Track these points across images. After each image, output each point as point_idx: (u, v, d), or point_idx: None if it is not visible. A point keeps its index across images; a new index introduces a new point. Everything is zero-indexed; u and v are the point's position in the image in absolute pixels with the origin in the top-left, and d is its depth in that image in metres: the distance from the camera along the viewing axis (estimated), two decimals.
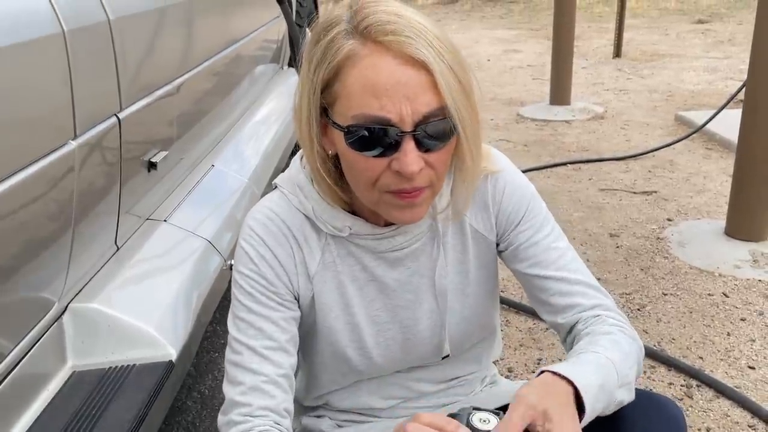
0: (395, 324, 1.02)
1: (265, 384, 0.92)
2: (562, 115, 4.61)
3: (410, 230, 0.98)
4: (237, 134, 2.37)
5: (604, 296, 1.00)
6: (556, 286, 0.98)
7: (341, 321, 1.00)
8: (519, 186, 1.01)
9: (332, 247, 0.98)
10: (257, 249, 0.95)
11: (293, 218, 0.97)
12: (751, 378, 1.88)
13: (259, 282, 0.95)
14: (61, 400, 1.12)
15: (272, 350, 0.94)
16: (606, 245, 2.72)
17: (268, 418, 0.91)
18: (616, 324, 0.95)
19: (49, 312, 1.17)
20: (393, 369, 1.05)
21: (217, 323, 2.23)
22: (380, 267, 0.99)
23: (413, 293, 1.01)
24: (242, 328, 0.94)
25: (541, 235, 1.00)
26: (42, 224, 1.07)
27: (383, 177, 0.84)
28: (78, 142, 1.16)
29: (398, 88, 0.79)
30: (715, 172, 3.46)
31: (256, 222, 0.97)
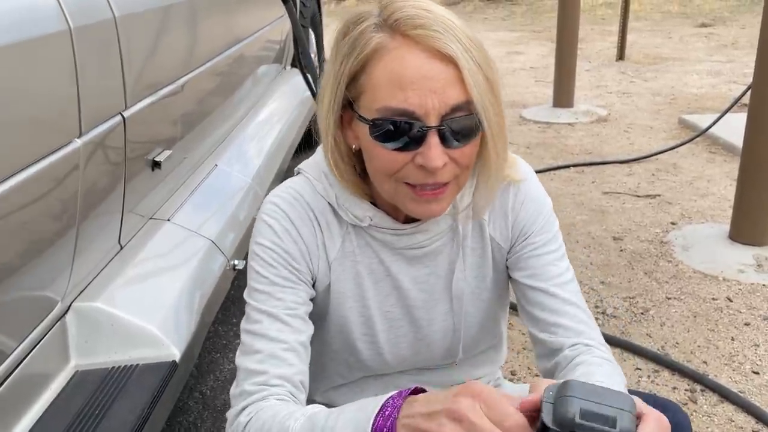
0: (407, 322, 1.01)
1: (284, 351, 0.89)
2: (565, 118, 4.60)
3: (431, 229, 0.97)
4: (240, 134, 2.36)
5: (592, 328, 0.97)
6: (547, 302, 0.97)
7: (355, 312, 0.99)
8: (537, 199, 1.01)
9: (352, 237, 0.97)
10: (282, 224, 0.94)
11: (316, 202, 0.96)
12: (756, 383, 1.87)
13: (282, 256, 0.93)
14: (63, 400, 1.12)
15: (292, 317, 0.91)
16: (609, 249, 2.71)
17: (284, 388, 0.87)
18: (604, 357, 0.94)
19: (52, 311, 1.17)
20: (400, 368, 1.05)
21: (219, 323, 2.22)
22: (397, 263, 0.98)
23: (428, 293, 1.00)
24: (261, 299, 0.92)
25: (546, 249, 0.99)
26: (46, 222, 1.07)
27: (405, 170, 0.84)
28: (83, 140, 1.15)
29: (425, 82, 0.79)
30: (718, 176, 3.45)
31: (281, 199, 0.95)
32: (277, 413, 0.82)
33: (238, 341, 2.18)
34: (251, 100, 2.61)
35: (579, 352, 0.94)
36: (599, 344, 0.96)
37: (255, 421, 0.84)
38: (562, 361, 0.96)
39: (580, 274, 2.51)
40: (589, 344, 0.95)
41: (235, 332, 2.19)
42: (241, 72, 2.32)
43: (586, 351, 0.94)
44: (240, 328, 0.94)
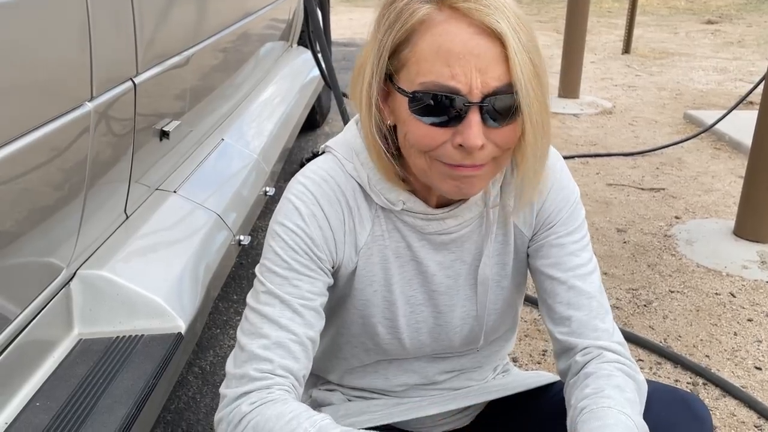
0: (429, 307, 0.99)
1: (292, 343, 0.86)
2: (570, 109, 4.58)
3: (461, 215, 0.94)
4: (246, 110, 2.33)
5: (607, 322, 0.95)
6: (566, 294, 0.95)
7: (379, 296, 0.96)
8: (565, 188, 0.98)
9: (382, 220, 0.94)
10: (310, 207, 0.90)
11: (347, 184, 0.92)
12: (758, 378, 1.86)
13: (305, 241, 0.89)
14: (67, 368, 1.10)
15: (306, 308, 0.88)
16: (613, 240, 2.70)
17: (288, 380, 0.85)
18: (616, 361, 0.91)
19: (57, 277, 1.14)
20: (417, 354, 1.03)
21: (219, 299, 2.21)
22: (424, 248, 0.96)
23: (453, 279, 0.98)
24: (277, 283, 0.88)
25: (569, 239, 0.97)
26: (56, 186, 1.04)
27: (442, 148, 0.81)
28: (94, 104, 1.12)
29: (470, 59, 0.77)
30: (723, 172, 3.44)
31: (310, 181, 0.91)
32: (282, 414, 0.80)
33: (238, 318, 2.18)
34: (257, 77, 2.57)
35: (590, 359, 0.92)
36: (613, 343, 0.93)
37: (257, 415, 0.81)
38: (573, 367, 0.94)
39: None
40: (601, 347, 0.93)
41: (236, 309, 2.17)
42: (248, 47, 2.28)
43: (597, 357, 0.92)
44: (247, 303, 0.90)
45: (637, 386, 0.90)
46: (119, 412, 1.00)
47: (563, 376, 0.97)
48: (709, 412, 0.92)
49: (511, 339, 1.14)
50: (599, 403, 0.85)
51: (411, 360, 1.04)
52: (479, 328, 1.01)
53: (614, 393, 0.86)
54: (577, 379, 0.92)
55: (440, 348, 1.02)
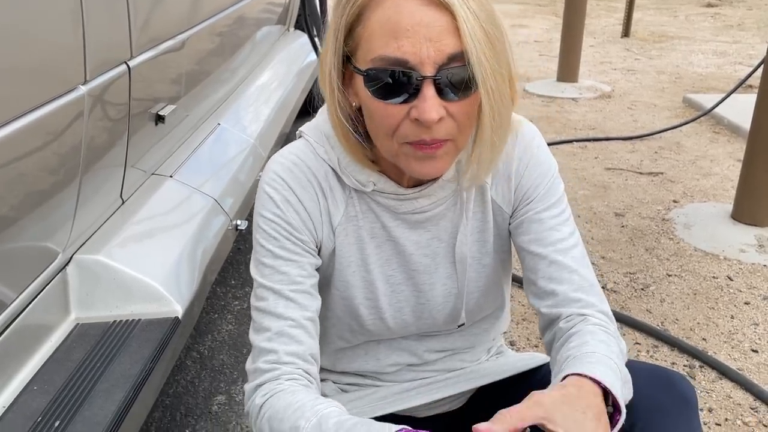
0: (409, 287, 0.99)
1: (291, 328, 0.89)
2: (569, 93, 4.56)
3: (434, 194, 0.94)
4: (243, 94, 2.32)
5: (592, 294, 0.95)
6: (547, 269, 0.95)
7: (358, 276, 0.97)
8: (543, 162, 0.98)
9: (355, 201, 0.95)
10: (282, 193, 0.92)
11: (318, 167, 0.94)
12: (754, 361, 1.87)
13: (284, 227, 0.92)
14: (64, 352, 1.10)
15: (297, 293, 0.91)
16: (611, 224, 2.70)
17: (296, 365, 0.88)
18: (599, 324, 0.92)
19: (53, 262, 1.14)
20: (403, 333, 1.03)
21: (217, 285, 2.21)
22: (399, 228, 0.96)
23: (431, 258, 0.98)
24: (266, 274, 0.91)
25: (549, 214, 0.97)
26: (50, 170, 1.04)
27: (402, 126, 0.81)
28: (88, 87, 1.11)
29: (419, 29, 0.76)
30: (722, 156, 3.43)
31: (281, 166, 0.93)
32: (290, 404, 0.83)
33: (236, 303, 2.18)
34: (254, 61, 2.55)
35: (573, 323, 0.92)
36: (597, 312, 0.94)
37: (269, 408, 0.85)
38: (558, 334, 0.94)
39: None
40: (584, 313, 0.93)
41: (233, 294, 2.17)
42: (244, 31, 2.27)
43: (580, 321, 0.92)
44: (250, 304, 0.94)
45: (619, 349, 0.91)
46: (117, 396, 1.00)
47: (549, 347, 0.97)
48: (694, 391, 0.92)
49: (501, 318, 1.13)
50: (583, 350, 0.86)
51: (399, 339, 1.04)
52: (461, 305, 1.01)
53: (599, 346, 0.86)
54: (562, 340, 0.92)
55: (425, 326, 1.03)
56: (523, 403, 0.75)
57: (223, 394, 1.72)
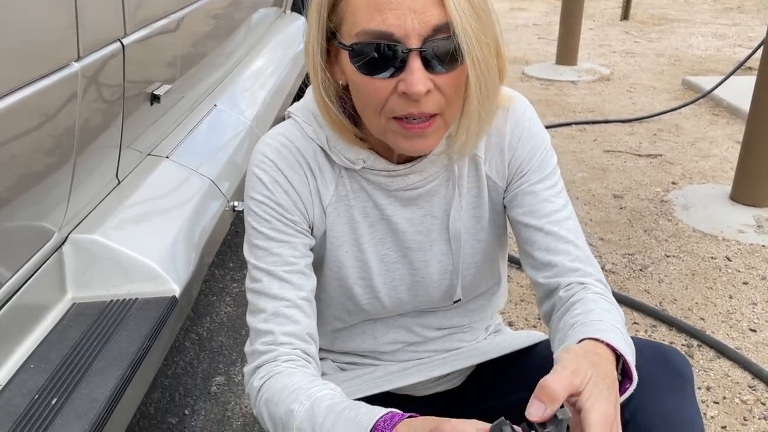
0: (404, 265, 0.99)
1: (287, 309, 0.89)
2: (568, 76, 4.54)
3: (425, 169, 0.94)
4: (239, 76, 2.30)
5: (589, 264, 0.95)
6: (543, 240, 0.94)
7: (351, 256, 0.97)
8: (535, 135, 0.97)
9: (345, 180, 0.94)
10: (271, 174, 0.91)
11: (307, 147, 0.93)
12: (752, 340, 1.87)
13: (275, 209, 0.91)
14: (60, 331, 1.09)
15: (291, 273, 0.91)
16: (609, 206, 2.69)
17: (293, 346, 0.89)
18: (599, 293, 0.92)
19: (48, 241, 1.14)
20: (399, 311, 1.03)
21: (215, 267, 2.20)
22: (392, 206, 0.95)
23: (425, 235, 0.98)
24: (260, 256, 0.91)
25: (542, 186, 0.96)
26: (44, 148, 1.03)
27: (390, 101, 0.80)
28: (81, 64, 1.10)
29: (403, 1, 0.75)
30: (721, 138, 3.42)
31: (269, 148, 0.93)
32: (286, 387, 0.84)
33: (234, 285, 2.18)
34: (250, 43, 2.53)
35: (573, 292, 0.92)
36: (595, 281, 0.94)
37: (267, 390, 0.85)
38: (558, 303, 0.94)
39: None
40: (583, 282, 0.93)
41: (231, 276, 2.17)
42: (240, 13, 2.24)
43: (581, 289, 0.92)
44: (245, 287, 0.94)
45: (621, 318, 0.91)
46: (114, 373, 1.00)
47: (547, 317, 0.97)
48: (689, 365, 0.92)
49: (498, 294, 1.13)
50: (591, 317, 0.85)
51: (396, 317, 1.04)
52: (456, 282, 1.01)
53: (606, 315, 0.86)
54: (563, 308, 0.92)
55: (421, 304, 1.03)
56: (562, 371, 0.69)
57: (222, 375, 1.72)
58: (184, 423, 1.56)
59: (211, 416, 1.58)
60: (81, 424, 0.90)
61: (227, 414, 1.59)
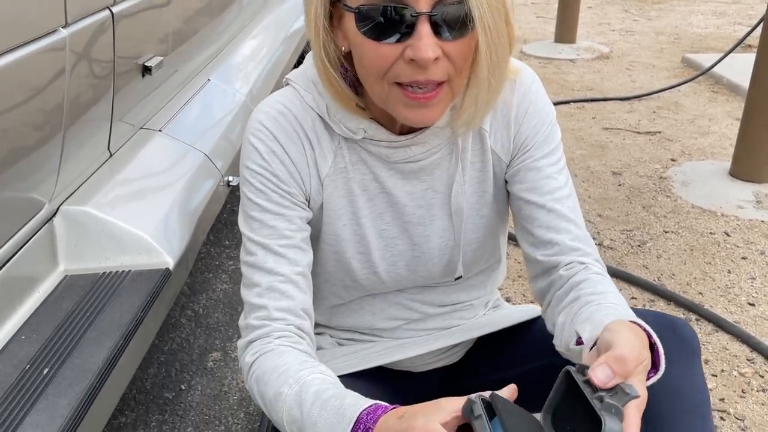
0: (404, 240, 0.97)
1: (281, 284, 0.88)
2: (567, 54, 4.50)
3: (428, 141, 0.91)
4: (234, 50, 2.27)
5: (588, 244, 0.94)
6: (545, 218, 0.93)
7: (348, 230, 0.95)
8: (542, 110, 0.95)
9: (344, 152, 0.92)
10: (267, 144, 0.89)
11: (305, 115, 0.90)
12: (751, 314, 1.87)
13: (271, 180, 0.89)
14: (52, 302, 1.08)
15: (287, 248, 0.89)
16: (608, 183, 2.68)
17: (287, 321, 0.87)
18: (599, 273, 0.91)
19: (39, 212, 1.12)
20: (397, 287, 1.01)
21: (211, 245, 2.19)
22: (392, 179, 0.93)
23: (425, 209, 0.95)
24: (255, 228, 0.89)
25: (546, 162, 0.94)
26: (31, 117, 1.01)
27: (395, 67, 0.77)
28: (69, 31, 1.08)
29: None
30: (720, 115, 3.40)
31: (266, 116, 0.90)
32: (276, 367, 0.82)
33: (230, 263, 2.17)
34: (245, 18, 2.50)
35: (575, 271, 0.91)
36: (594, 261, 0.93)
37: (257, 368, 0.85)
38: (557, 281, 0.93)
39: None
40: (584, 261, 0.92)
41: (228, 254, 2.16)
42: None
43: (582, 269, 0.91)
44: (240, 260, 0.92)
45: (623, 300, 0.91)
46: (107, 344, 0.99)
47: (542, 294, 0.96)
48: (696, 336, 0.91)
49: (498, 270, 1.12)
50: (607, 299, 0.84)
51: (394, 293, 1.02)
52: (458, 258, 0.99)
53: (620, 299, 0.85)
54: (567, 286, 0.91)
55: (420, 279, 1.01)
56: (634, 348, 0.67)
57: (218, 350, 1.71)
58: (180, 398, 1.56)
59: (207, 391, 1.58)
60: (73, 393, 0.89)
61: (223, 389, 1.59)
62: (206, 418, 1.50)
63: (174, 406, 1.53)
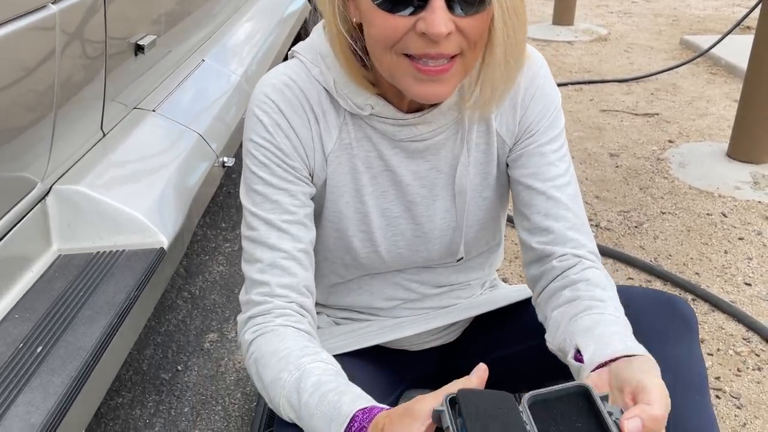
0: (406, 219, 0.96)
1: (284, 260, 0.87)
2: (565, 36, 4.47)
3: (435, 120, 0.90)
4: (229, 31, 2.25)
5: (584, 234, 0.93)
6: (543, 205, 0.92)
7: (351, 208, 0.94)
8: (548, 94, 0.94)
9: (350, 127, 0.90)
10: (272, 116, 0.87)
11: (311, 89, 0.89)
12: (747, 294, 1.87)
13: (275, 153, 0.87)
14: (46, 282, 1.08)
15: (290, 223, 0.88)
16: (605, 165, 2.67)
17: (289, 299, 0.87)
18: (592, 266, 0.91)
19: (31, 191, 1.11)
20: (397, 267, 1.00)
21: (207, 227, 2.18)
22: (397, 157, 0.92)
23: (429, 189, 0.94)
24: (258, 202, 0.88)
25: (549, 148, 0.94)
26: (21, 94, 0.99)
27: (405, 39, 0.76)
28: (59, 6, 1.06)
29: None
30: (718, 97, 3.38)
31: (272, 88, 0.88)
32: (276, 351, 0.82)
33: (227, 245, 2.16)
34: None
35: (569, 264, 0.91)
36: (588, 253, 0.92)
37: (257, 349, 0.84)
38: (550, 272, 0.92)
39: None
40: (579, 254, 0.91)
41: (224, 236, 2.15)
42: None
43: (577, 263, 0.91)
44: (241, 234, 0.91)
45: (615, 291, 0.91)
46: (101, 322, 0.98)
47: (534, 281, 0.96)
48: (694, 313, 0.91)
49: (497, 252, 1.11)
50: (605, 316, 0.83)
51: (394, 273, 1.02)
52: (460, 239, 0.98)
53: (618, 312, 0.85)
54: (561, 282, 0.90)
55: (420, 260, 1.00)
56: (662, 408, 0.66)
57: (215, 332, 1.71)
58: (177, 378, 1.56)
59: (204, 372, 1.58)
60: (67, 371, 0.89)
61: (220, 369, 1.59)
62: (203, 398, 1.50)
63: (171, 387, 1.53)
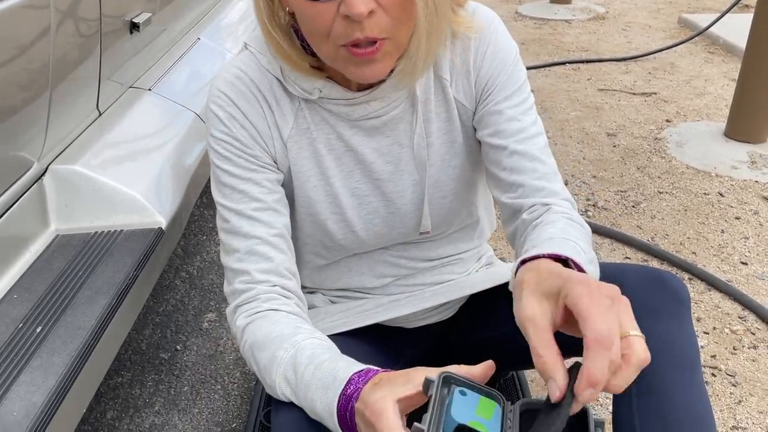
0: (377, 197, 0.96)
1: (259, 246, 0.87)
2: (562, 14, 4.44)
3: (386, 95, 0.89)
4: (224, 9, 2.22)
5: (554, 182, 0.91)
6: (508, 160, 0.91)
7: (320, 191, 0.94)
8: (501, 49, 0.92)
9: (305, 112, 0.91)
10: (227, 110, 0.88)
11: (263, 79, 0.89)
12: (743, 273, 1.88)
13: (234, 145, 0.88)
14: (44, 262, 1.07)
15: (260, 211, 0.89)
16: (603, 144, 2.66)
17: (271, 283, 0.87)
18: (562, 212, 0.88)
19: (27, 171, 1.10)
20: (378, 245, 1.00)
21: (204, 208, 2.18)
22: (356, 136, 0.92)
23: (394, 164, 0.94)
24: (226, 194, 0.89)
25: (509, 104, 0.92)
26: (16, 73, 0.98)
27: (335, 26, 0.75)
28: None
29: None
30: (716, 76, 3.37)
31: (223, 82, 0.89)
32: (269, 334, 0.82)
33: None
34: None
35: (538, 214, 0.89)
36: (560, 200, 0.91)
37: (251, 335, 0.84)
38: (521, 227, 0.91)
39: (573, 168, 2.48)
40: (547, 203, 0.90)
41: None
42: None
43: (544, 211, 0.89)
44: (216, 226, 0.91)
45: (584, 231, 0.88)
46: (100, 302, 0.98)
47: (512, 239, 0.95)
48: (687, 290, 0.90)
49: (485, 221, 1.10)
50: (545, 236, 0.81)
51: (379, 251, 1.02)
52: (426, 212, 0.98)
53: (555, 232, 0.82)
54: (526, 234, 0.89)
55: (399, 236, 1.00)
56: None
57: (213, 311, 1.71)
58: (176, 358, 1.56)
59: (203, 351, 1.58)
60: (67, 350, 0.89)
61: (219, 349, 1.59)
62: (202, 377, 1.51)
63: (170, 366, 1.54)
